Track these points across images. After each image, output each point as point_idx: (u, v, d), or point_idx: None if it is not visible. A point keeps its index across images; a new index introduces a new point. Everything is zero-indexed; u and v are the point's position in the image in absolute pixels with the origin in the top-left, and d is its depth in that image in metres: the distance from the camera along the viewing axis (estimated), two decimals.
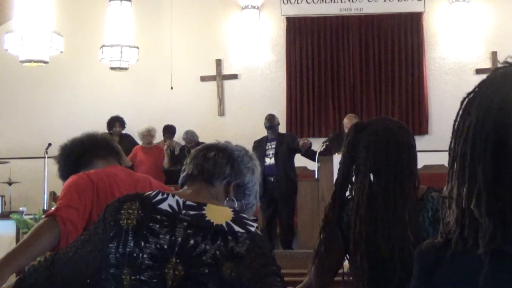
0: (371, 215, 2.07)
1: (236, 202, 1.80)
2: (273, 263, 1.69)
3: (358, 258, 2.07)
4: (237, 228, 1.65)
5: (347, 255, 2.20)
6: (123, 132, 9.50)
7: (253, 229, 1.68)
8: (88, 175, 2.35)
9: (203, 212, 1.68)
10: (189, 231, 1.65)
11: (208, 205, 1.70)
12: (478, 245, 1.09)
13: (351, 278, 2.15)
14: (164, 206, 1.69)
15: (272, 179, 7.64)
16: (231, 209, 1.71)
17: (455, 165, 1.15)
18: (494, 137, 1.10)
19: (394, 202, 2.07)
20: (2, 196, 8.14)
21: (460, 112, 1.18)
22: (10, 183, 9.11)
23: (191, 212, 1.68)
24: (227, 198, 1.80)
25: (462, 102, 1.19)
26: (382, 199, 2.08)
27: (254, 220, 1.82)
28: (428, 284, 1.19)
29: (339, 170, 2.19)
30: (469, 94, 1.18)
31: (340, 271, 2.23)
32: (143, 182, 2.48)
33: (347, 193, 2.20)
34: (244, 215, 1.74)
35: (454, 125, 1.19)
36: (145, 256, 1.64)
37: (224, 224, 1.65)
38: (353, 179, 2.16)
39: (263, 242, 1.69)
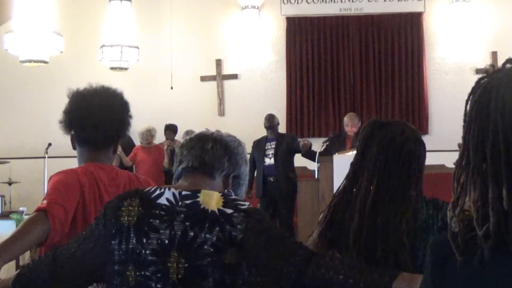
0: (373, 216, 2.07)
1: (232, 193, 1.82)
2: (276, 230, 1.69)
3: (355, 255, 2.07)
4: (229, 211, 1.67)
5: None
6: None
7: (245, 207, 1.69)
8: (78, 176, 2.27)
9: (198, 200, 1.69)
10: (187, 223, 1.66)
11: (202, 191, 1.72)
12: None
13: None
14: (162, 200, 1.71)
15: (271, 179, 7.64)
16: (221, 195, 1.72)
17: (478, 171, 1.15)
18: None
19: (396, 208, 2.07)
20: (2, 196, 8.13)
21: (469, 120, 1.17)
22: (10, 183, 9.11)
23: (187, 202, 1.69)
24: (225, 190, 1.81)
25: (470, 111, 1.18)
26: (386, 202, 2.08)
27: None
28: (440, 279, 1.20)
29: (352, 163, 2.18)
30: (476, 101, 1.17)
31: None
32: (134, 187, 2.40)
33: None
34: (233, 197, 1.75)
35: (468, 133, 1.18)
36: (147, 252, 1.66)
37: (217, 211, 1.67)
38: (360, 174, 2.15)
39: (259, 215, 1.69)
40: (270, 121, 7.87)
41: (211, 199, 1.69)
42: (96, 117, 2.34)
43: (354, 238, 2.07)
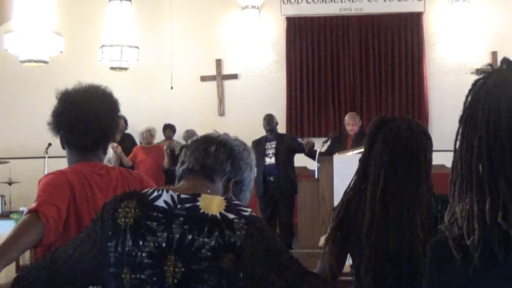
0: (384, 210, 2.07)
1: (233, 198, 1.79)
2: (275, 243, 1.66)
3: (367, 252, 2.06)
4: (231, 216, 1.64)
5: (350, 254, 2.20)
6: (125, 132, 9.49)
7: (247, 213, 1.66)
8: (66, 176, 2.27)
9: (197, 203, 1.67)
10: (185, 227, 1.64)
11: (202, 195, 1.69)
12: (508, 259, 1.09)
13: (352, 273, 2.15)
14: (159, 202, 1.68)
15: (272, 178, 7.64)
16: (223, 198, 1.70)
17: (467, 182, 1.15)
18: (510, 146, 1.10)
19: (408, 201, 2.07)
20: (2, 196, 8.13)
21: (461, 130, 1.17)
22: (10, 183, 9.11)
23: (186, 205, 1.67)
24: (225, 195, 1.78)
25: (460, 120, 1.18)
26: (397, 196, 2.08)
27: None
28: (439, 277, 1.20)
29: (360, 159, 2.20)
30: (466, 109, 1.17)
31: (346, 270, 2.23)
32: (127, 182, 2.38)
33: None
34: (236, 202, 1.72)
35: (457, 143, 1.18)
36: (144, 254, 1.64)
37: (218, 215, 1.64)
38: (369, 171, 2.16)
39: (260, 224, 1.66)
40: (269, 122, 7.88)
41: (212, 204, 1.66)
42: (84, 123, 2.33)
43: (366, 232, 2.07)
